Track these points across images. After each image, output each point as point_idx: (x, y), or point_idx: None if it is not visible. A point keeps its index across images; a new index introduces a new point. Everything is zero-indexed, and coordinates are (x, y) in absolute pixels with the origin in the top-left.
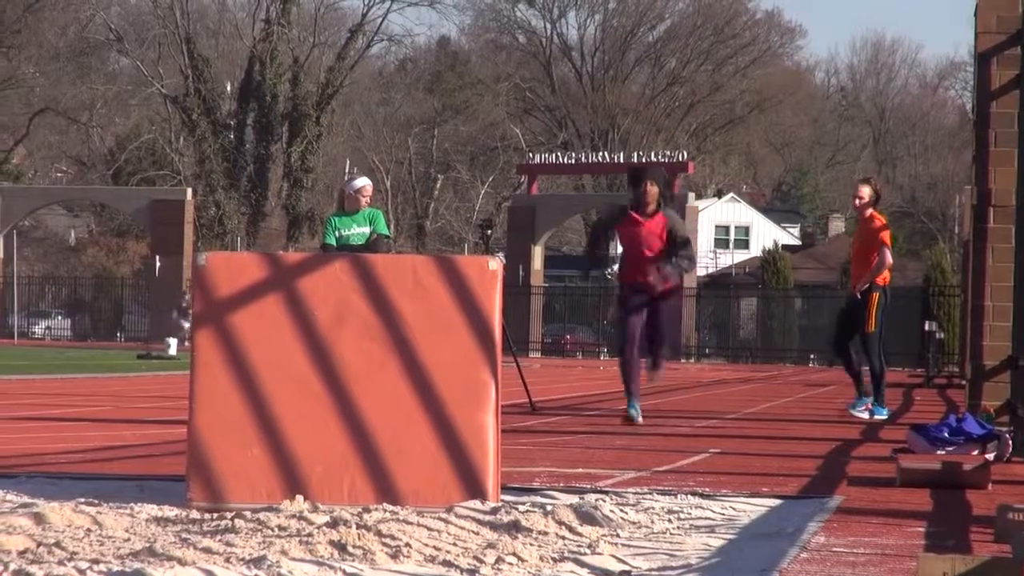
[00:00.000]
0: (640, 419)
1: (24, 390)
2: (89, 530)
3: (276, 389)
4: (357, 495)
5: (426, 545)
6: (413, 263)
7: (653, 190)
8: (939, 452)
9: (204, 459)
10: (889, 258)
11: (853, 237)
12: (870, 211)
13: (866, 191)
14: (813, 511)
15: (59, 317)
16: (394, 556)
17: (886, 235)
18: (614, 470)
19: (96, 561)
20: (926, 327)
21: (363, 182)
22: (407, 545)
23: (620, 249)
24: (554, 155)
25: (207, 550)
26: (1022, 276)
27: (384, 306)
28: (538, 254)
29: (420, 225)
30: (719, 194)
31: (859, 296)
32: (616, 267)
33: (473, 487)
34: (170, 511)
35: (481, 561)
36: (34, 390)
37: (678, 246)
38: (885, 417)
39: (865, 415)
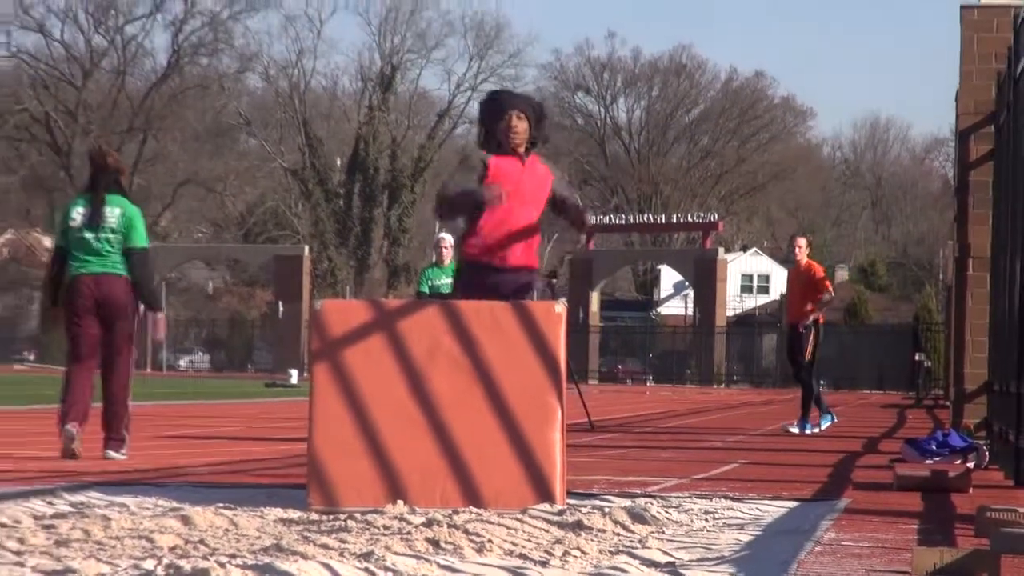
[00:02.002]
0: None
1: (172, 413)
2: (227, 529)
3: (380, 412)
4: (448, 499)
5: (505, 541)
6: (492, 308)
7: (521, 125)
8: (928, 462)
9: (321, 470)
10: (829, 302)
11: (789, 280)
12: (807, 261)
13: (803, 242)
14: (825, 511)
15: (199, 353)
16: (479, 550)
17: (828, 283)
18: (660, 478)
19: (233, 556)
20: (916, 357)
21: (445, 236)
22: (490, 541)
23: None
24: (607, 217)
25: (324, 546)
26: (996, 315)
27: (469, 343)
28: (595, 299)
29: None
30: (744, 249)
31: (802, 330)
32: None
33: (543, 492)
34: (293, 514)
35: (551, 554)
36: (180, 413)
37: (568, 211)
38: (809, 432)
39: (794, 429)
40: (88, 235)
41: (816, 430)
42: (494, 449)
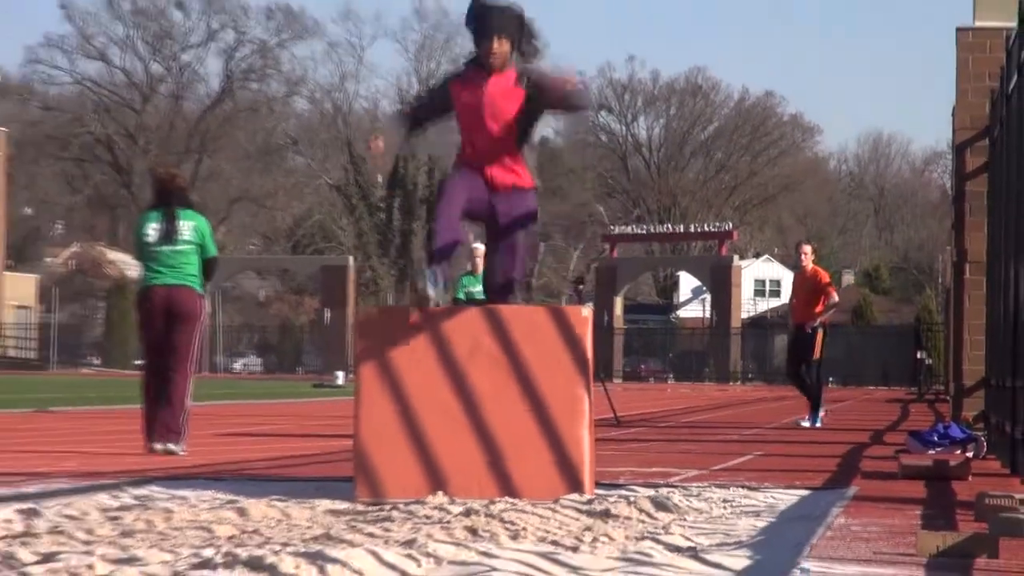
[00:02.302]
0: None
1: (228, 413)
2: (280, 520)
3: (422, 408)
4: (484, 490)
5: (538, 528)
6: (529, 311)
7: (502, 48)
8: (930, 452)
9: (367, 464)
10: (835, 307)
11: (795, 284)
12: (813, 267)
13: (809, 249)
14: (835, 499)
15: (252, 356)
16: (514, 537)
17: (833, 288)
18: (681, 469)
19: (286, 544)
20: (918, 355)
21: (479, 246)
22: (524, 529)
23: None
24: (629, 227)
25: (371, 535)
26: (992, 315)
27: (507, 344)
28: (619, 303)
29: (528, 283)
30: (757, 255)
31: (809, 332)
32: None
33: (573, 483)
34: (341, 505)
35: (581, 540)
36: (235, 412)
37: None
38: (819, 426)
39: (808, 424)
40: (164, 248)
41: (818, 424)
42: (528, 443)
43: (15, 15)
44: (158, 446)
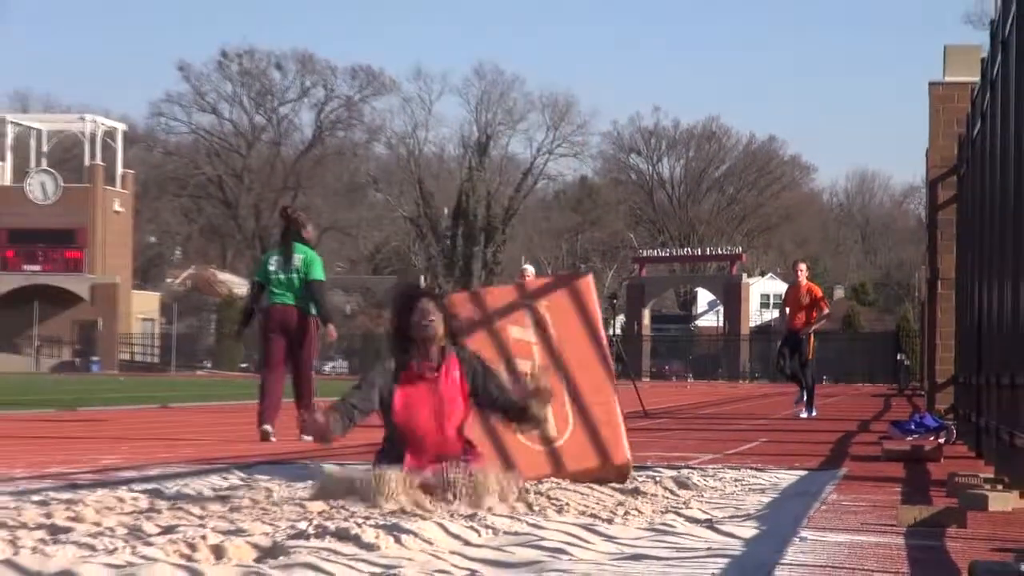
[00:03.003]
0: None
1: (323, 406)
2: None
3: None
4: (540, 471)
5: (579, 504)
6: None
7: (438, 316)
8: (909, 438)
9: None
10: (827, 318)
11: (790, 295)
12: (807, 282)
13: (804, 267)
14: (828, 478)
15: (340, 359)
16: (559, 511)
17: (825, 302)
18: (699, 453)
19: (367, 518)
20: (898, 357)
21: (528, 267)
22: (567, 504)
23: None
24: (655, 251)
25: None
26: (960, 324)
27: (543, 327)
28: (646, 315)
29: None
30: (762, 274)
31: (802, 336)
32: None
33: (608, 462)
34: None
35: (615, 514)
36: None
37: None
38: (815, 415)
39: (804, 414)
40: (282, 276)
41: (812, 414)
42: (573, 434)
43: (142, 76)
44: (268, 428)
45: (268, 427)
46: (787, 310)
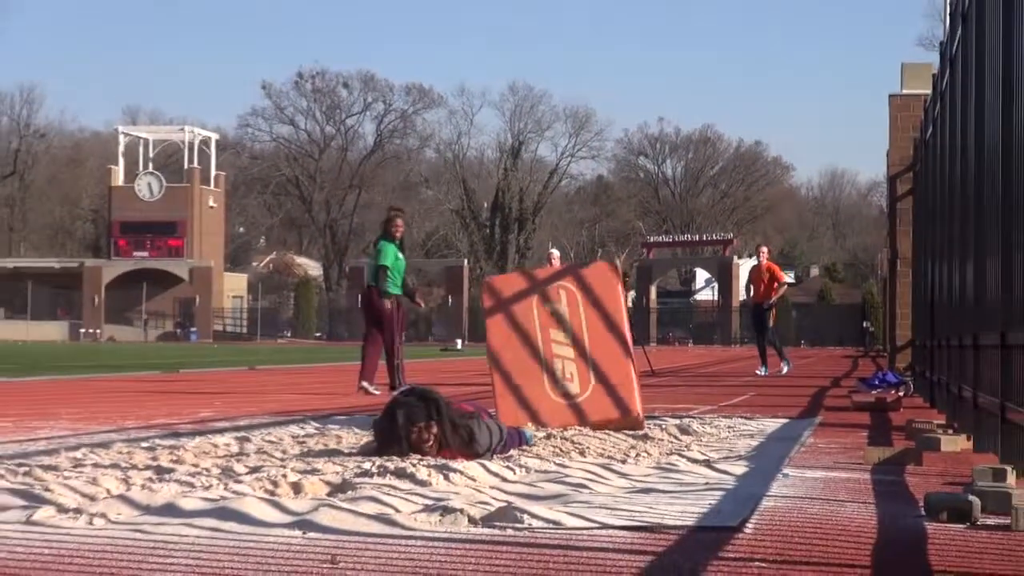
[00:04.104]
0: None
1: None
2: None
3: (523, 354)
4: (564, 420)
5: (598, 448)
6: (586, 267)
7: (429, 432)
8: (873, 392)
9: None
10: (785, 289)
11: (753, 273)
12: (768, 262)
13: (766, 250)
14: (806, 425)
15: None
16: (581, 454)
17: (782, 275)
18: (698, 404)
19: (421, 459)
20: (864, 325)
21: (553, 251)
22: (587, 448)
23: None
24: (660, 237)
25: None
26: (915, 296)
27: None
28: (653, 290)
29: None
30: (750, 256)
31: (766, 308)
32: None
33: (625, 414)
34: None
35: (628, 456)
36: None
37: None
38: (791, 368)
39: (762, 372)
40: (370, 263)
41: (791, 368)
42: (594, 391)
43: (232, 94)
44: (366, 384)
45: (366, 384)
46: (752, 288)
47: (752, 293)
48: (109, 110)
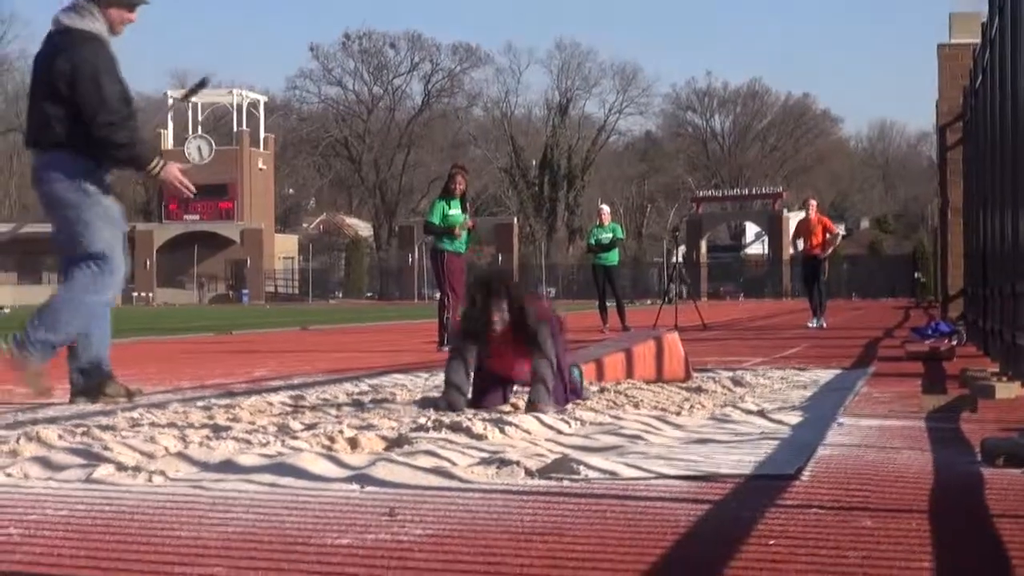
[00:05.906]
0: None
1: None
2: None
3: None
4: (618, 376)
5: (652, 400)
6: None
7: (496, 316)
8: (927, 342)
9: None
10: (840, 240)
11: (801, 226)
12: (816, 215)
13: (814, 203)
14: (860, 375)
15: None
16: (635, 406)
17: (834, 227)
18: (751, 357)
19: (477, 413)
20: (915, 275)
21: (603, 208)
22: (642, 401)
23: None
24: (710, 191)
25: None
26: (967, 246)
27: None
28: (703, 245)
29: (639, 231)
30: (799, 209)
31: (822, 258)
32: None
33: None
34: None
35: (681, 408)
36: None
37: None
38: (825, 326)
39: (813, 325)
40: (460, 220)
41: (824, 325)
42: (648, 349)
43: (280, 56)
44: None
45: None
46: (800, 240)
47: (802, 246)
48: (157, 75)
